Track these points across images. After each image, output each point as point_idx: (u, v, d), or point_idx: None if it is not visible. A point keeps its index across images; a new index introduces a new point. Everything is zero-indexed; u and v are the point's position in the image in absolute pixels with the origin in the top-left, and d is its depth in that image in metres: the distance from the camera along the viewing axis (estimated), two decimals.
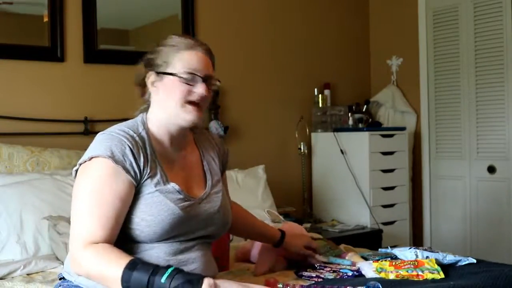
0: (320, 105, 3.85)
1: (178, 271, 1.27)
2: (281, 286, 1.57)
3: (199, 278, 1.26)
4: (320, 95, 3.86)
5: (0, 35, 2.71)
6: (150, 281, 1.23)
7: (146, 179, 1.43)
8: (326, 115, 3.84)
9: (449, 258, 1.92)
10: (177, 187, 1.46)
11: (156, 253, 1.42)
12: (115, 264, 1.28)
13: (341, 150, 3.66)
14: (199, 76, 1.48)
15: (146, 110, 1.57)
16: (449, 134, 3.90)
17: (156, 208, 1.41)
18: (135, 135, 1.46)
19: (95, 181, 1.37)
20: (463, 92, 3.78)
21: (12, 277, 2.04)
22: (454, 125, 3.85)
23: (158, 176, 1.45)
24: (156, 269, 1.26)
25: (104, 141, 1.42)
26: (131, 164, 1.40)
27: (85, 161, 1.41)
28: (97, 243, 1.32)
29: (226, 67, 3.49)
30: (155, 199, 1.42)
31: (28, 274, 2.08)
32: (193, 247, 1.50)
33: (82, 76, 2.93)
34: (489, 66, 3.65)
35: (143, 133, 1.49)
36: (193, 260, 1.48)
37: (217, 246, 2.01)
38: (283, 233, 1.92)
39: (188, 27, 3.34)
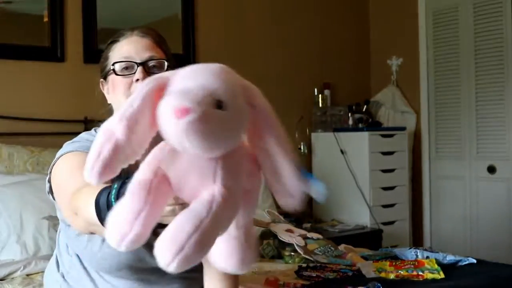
0: (320, 105, 3.85)
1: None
2: (282, 283, 1.57)
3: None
4: (320, 95, 3.86)
5: (0, 35, 2.71)
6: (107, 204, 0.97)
7: None
8: (326, 115, 3.84)
9: (449, 258, 1.93)
10: None
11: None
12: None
13: (341, 150, 3.65)
14: (133, 62, 1.35)
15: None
16: (449, 134, 3.90)
17: None
18: None
19: (69, 162, 1.30)
20: (463, 92, 3.78)
21: (12, 278, 2.04)
22: (454, 125, 3.84)
23: None
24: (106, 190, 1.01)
25: (70, 144, 1.40)
26: None
27: (54, 164, 1.35)
28: None
29: None
30: None
31: (28, 275, 2.08)
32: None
33: (82, 76, 2.93)
34: (489, 66, 3.65)
35: None
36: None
37: None
38: None
39: (188, 27, 3.34)
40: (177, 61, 3.88)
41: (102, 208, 0.97)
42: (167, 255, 0.66)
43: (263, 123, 0.81)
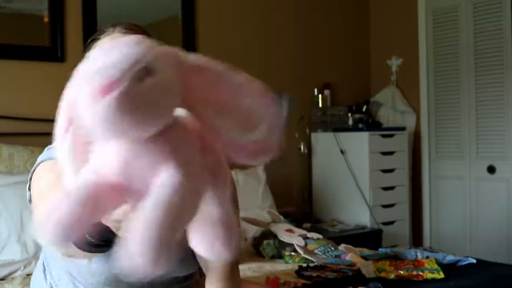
0: (320, 105, 3.85)
1: None
2: (283, 282, 1.57)
3: None
4: (320, 95, 3.86)
5: (0, 35, 2.71)
6: None
7: None
8: (326, 115, 3.84)
9: (449, 258, 1.93)
10: None
11: None
12: None
13: (341, 150, 3.66)
14: None
15: None
16: (449, 134, 3.90)
17: None
18: None
19: (48, 173, 1.22)
20: (463, 92, 3.79)
21: (12, 278, 2.04)
22: (454, 125, 3.85)
23: None
24: None
25: (52, 149, 1.26)
26: None
27: (34, 170, 1.28)
28: None
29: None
30: None
31: (28, 275, 2.08)
32: None
33: None
34: (489, 66, 3.65)
35: None
36: None
37: None
38: None
39: (188, 27, 3.34)
40: None
41: None
42: (139, 249, 0.56)
43: (203, 75, 0.66)
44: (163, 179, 0.60)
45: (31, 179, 1.31)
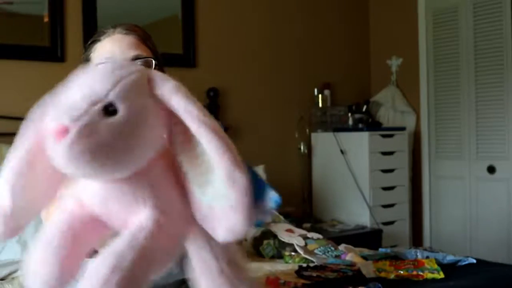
0: (320, 105, 3.85)
1: None
2: (283, 282, 1.57)
3: None
4: (320, 95, 3.86)
5: (0, 35, 2.71)
6: None
7: None
8: (326, 115, 3.84)
9: (449, 258, 1.93)
10: None
11: None
12: None
13: (341, 150, 3.66)
14: None
15: None
16: (449, 134, 3.90)
17: None
18: None
19: None
20: (463, 92, 3.78)
21: (12, 278, 2.04)
22: (454, 125, 3.85)
23: None
24: None
25: None
26: None
27: None
28: None
29: (226, 67, 3.49)
30: None
31: None
32: None
33: None
34: (489, 66, 3.65)
35: None
36: None
37: None
38: None
39: (188, 27, 3.34)
40: (177, 61, 3.81)
41: None
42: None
43: (176, 114, 0.60)
44: (140, 220, 0.58)
45: None
